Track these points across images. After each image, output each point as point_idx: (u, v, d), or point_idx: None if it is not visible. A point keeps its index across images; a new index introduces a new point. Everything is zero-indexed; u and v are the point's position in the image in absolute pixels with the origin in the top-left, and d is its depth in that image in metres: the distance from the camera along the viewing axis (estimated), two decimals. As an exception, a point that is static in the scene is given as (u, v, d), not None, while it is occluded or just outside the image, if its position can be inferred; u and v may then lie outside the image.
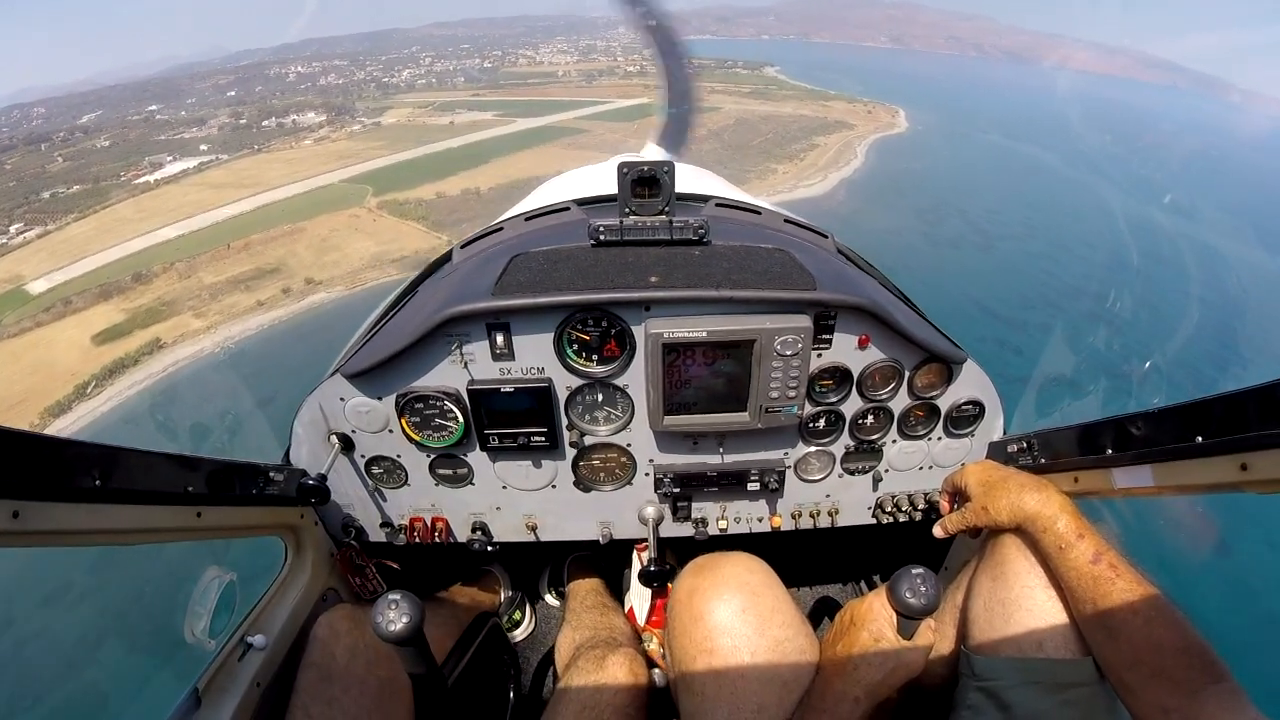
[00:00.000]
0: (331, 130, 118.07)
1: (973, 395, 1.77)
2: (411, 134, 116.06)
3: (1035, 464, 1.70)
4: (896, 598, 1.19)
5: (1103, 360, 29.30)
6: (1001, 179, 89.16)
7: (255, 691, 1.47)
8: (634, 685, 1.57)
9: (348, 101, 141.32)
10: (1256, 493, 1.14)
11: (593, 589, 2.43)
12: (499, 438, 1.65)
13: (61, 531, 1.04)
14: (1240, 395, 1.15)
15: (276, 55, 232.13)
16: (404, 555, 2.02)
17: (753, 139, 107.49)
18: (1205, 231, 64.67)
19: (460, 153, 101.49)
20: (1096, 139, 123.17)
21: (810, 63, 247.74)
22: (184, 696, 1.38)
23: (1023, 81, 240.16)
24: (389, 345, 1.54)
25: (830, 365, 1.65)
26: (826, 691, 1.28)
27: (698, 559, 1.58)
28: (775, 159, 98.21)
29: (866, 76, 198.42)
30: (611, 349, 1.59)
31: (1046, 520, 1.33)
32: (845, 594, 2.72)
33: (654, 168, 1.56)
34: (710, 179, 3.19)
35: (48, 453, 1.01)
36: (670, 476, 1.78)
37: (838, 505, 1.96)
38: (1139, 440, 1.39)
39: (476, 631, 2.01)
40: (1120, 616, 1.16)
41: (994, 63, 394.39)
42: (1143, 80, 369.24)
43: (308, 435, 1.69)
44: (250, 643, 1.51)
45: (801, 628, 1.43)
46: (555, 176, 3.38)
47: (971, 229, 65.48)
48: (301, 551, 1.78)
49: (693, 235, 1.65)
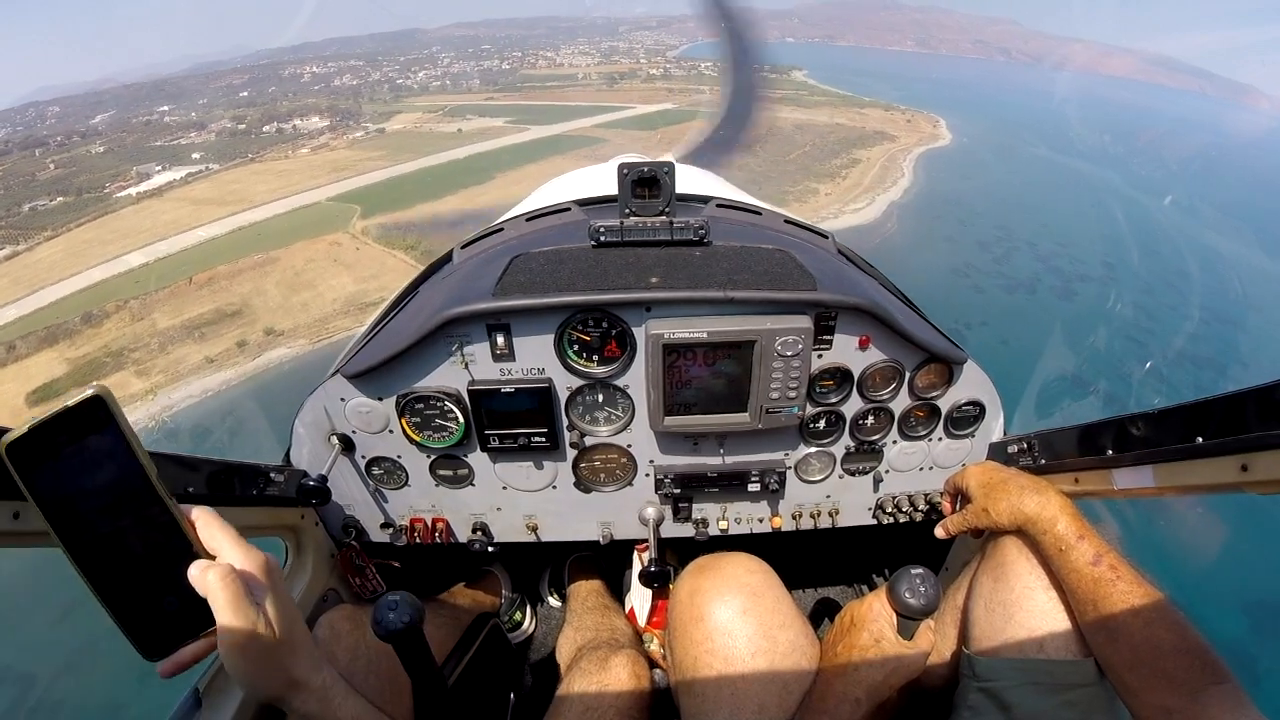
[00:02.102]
0: (332, 137, 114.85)
1: (973, 396, 1.77)
2: (415, 142, 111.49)
3: (1036, 465, 1.70)
4: (896, 598, 1.19)
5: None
6: (1062, 202, 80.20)
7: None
8: (637, 686, 1.57)
9: (355, 105, 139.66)
10: (1257, 493, 1.14)
11: (593, 590, 2.43)
12: (499, 438, 1.65)
13: None
14: (1240, 395, 1.15)
15: (296, 54, 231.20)
16: (404, 556, 2.03)
17: (789, 152, 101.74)
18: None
19: (464, 165, 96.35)
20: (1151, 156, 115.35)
21: (838, 66, 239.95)
22: (185, 697, 1.38)
23: (1054, 88, 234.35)
24: (390, 346, 1.55)
25: (831, 366, 1.65)
26: (827, 692, 1.28)
27: (698, 560, 1.58)
28: (815, 176, 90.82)
29: (898, 81, 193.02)
30: (612, 350, 1.59)
31: (1046, 522, 1.33)
32: (846, 595, 2.72)
33: (654, 168, 1.56)
34: (710, 180, 3.19)
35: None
36: (671, 477, 1.78)
37: (838, 506, 1.96)
38: (1139, 441, 1.39)
39: (477, 632, 2.00)
40: (1121, 618, 1.16)
41: (1022, 67, 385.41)
42: (1172, 86, 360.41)
43: (308, 436, 1.69)
44: None
45: (802, 628, 1.43)
46: (556, 177, 3.38)
47: (1045, 266, 58.77)
48: (302, 552, 1.78)
49: (693, 236, 1.65)
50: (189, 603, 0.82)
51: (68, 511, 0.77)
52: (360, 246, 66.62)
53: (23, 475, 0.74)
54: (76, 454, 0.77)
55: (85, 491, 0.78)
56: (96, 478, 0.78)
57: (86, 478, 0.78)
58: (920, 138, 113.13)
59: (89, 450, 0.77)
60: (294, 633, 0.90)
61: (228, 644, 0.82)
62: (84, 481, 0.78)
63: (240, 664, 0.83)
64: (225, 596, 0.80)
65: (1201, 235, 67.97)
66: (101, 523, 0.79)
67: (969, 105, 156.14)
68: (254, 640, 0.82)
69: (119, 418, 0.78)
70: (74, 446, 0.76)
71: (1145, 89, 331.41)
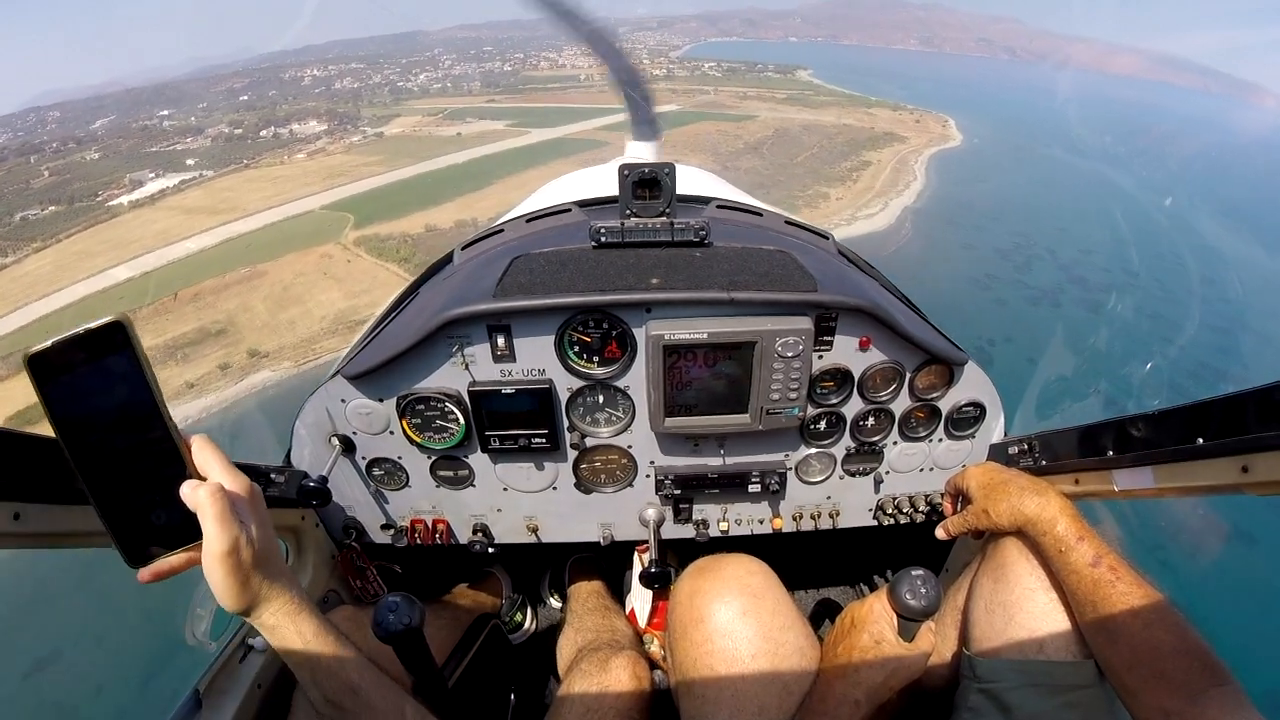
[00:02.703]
0: (330, 141, 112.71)
1: (973, 397, 1.77)
2: (414, 147, 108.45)
3: (1036, 466, 1.70)
4: (897, 599, 1.19)
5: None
6: (1080, 205, 76.53)
7: (256, 693, 1.47)
8: (637, 687, 1.57)
9: (353, 109, 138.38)
10: (1257, 494, 1.14)
11: (594, 591, 2.43)
12: (500, 439, 1.65)
13: (63, 534, 1.04)
14: (1241, 397, 1.15)
15: (299, 57, 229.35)
16: (405, 557, 2.03)
17: (796, 154, 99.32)
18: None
19: (463, 171, 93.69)
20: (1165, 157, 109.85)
21: (843, 65, 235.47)
22: (185, 698, 1.38)
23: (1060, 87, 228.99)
24: (390, 347, 1.55)
25: (831, 367, 1.65)
26: (827, 694, 1.28)
27: (699, 561, 1.58)
28: (825, 180, 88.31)
29: (904, 80, 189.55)
30: (613, 351, 1.59)
31: (1047, 523, 1.33)
32: (846, 596, 2.72)
33: (655, 170, 1.56)
34: (711, 181, 3.19)
35: (49, 454, 1.00)
36: (671, 478, 1.78)
37: (839, 507, 1.96)
38: (1140, 442, 1.38)
39: (477, 633, 2.00)
40: (1121, 619, 1.16)
41: (1027, 66, 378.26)
42: (1177, 84, 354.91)
43: (309, 437, 1.69)
44: (251, 644, 1.52)
45: (803, 630, 1.43)
46: (556, 178, 3.39)
47: (1067, 276, 55.93)
48: (302, 553, 1.78)
49: (694, 237, 1.65)
50: (176, 519, 0.89)
51: (77, 423, 0.83)
52: (352, 259, 64.69)
53: (40, 385, 0.80)
54: (93, 372, 0.82)
55: (96, 407, 0.84)
56: (108, 396, 0.84)
57: (99, 394, 0.84)
58: (930, 138, 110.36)
59: (105, 370, 0.83)
60: (269, 551, 0.97)
61: (210, 555, 0.89)
62: (96, 397, 0.84)
63: (219, 574, 0.90)
64: (213, 511, 0.87)
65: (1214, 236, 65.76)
66: (106, 437, 0.85)
67: (976, 104, 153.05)
68: (234, 553, 0.89)
69: (136, 344, 0.84)
70: (91, 365, 0.82)
71: (1151, 87, 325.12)
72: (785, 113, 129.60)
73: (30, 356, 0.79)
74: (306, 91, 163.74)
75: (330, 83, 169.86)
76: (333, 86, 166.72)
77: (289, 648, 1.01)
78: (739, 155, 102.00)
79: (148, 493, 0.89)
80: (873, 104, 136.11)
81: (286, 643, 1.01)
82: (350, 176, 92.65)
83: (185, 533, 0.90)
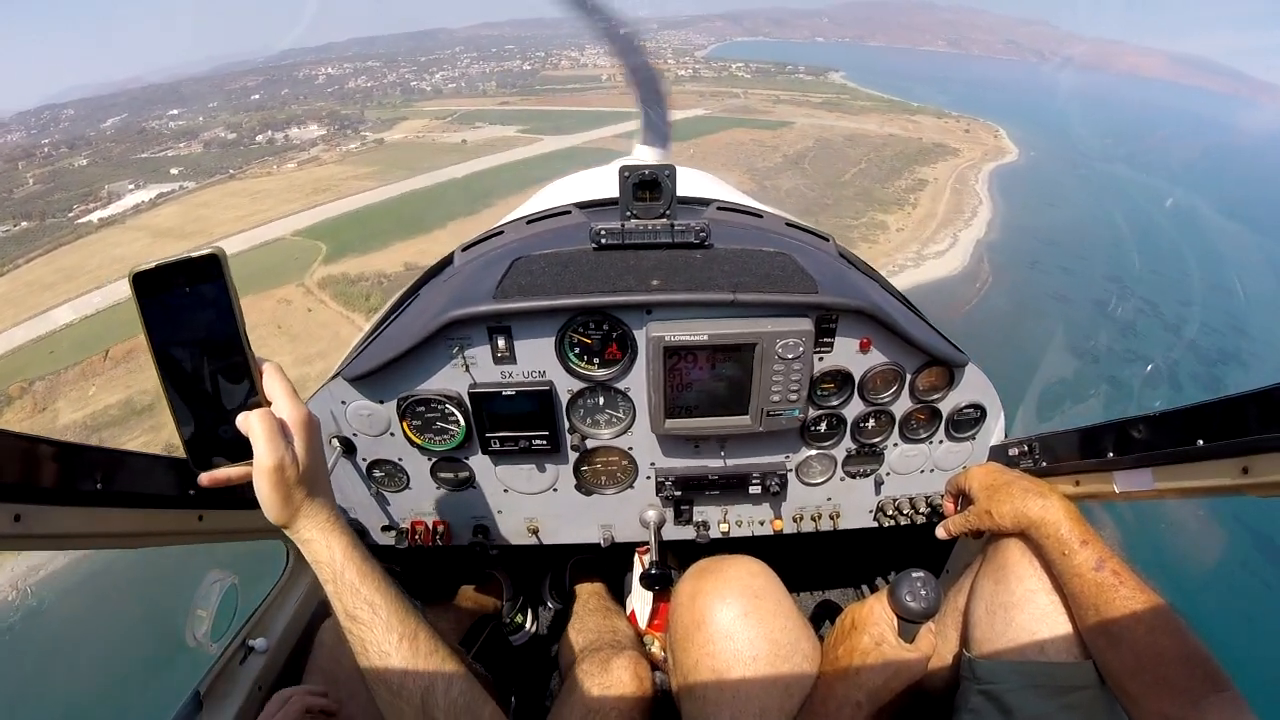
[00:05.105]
0: (325, 149, 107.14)
1: (974, 398, 1.77)
2: (413, 156, 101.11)
3: (1036, 467, 1.70)
4: (897, 601, 1.19)
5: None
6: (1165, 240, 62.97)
7: (257, 694, 1.47)
8: (638, 689, 1.57)
9: (358, 111, 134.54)
10: (1258, 496, 1.14)
11: (595, 592, 2.43)
12: (500, 441, 1.65)
13: (63, 535, 1.05)
14: (1241, 398, 1.15)
15: (318, 55, 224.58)
16: (405, 559, 2.02)
17: (843, 170, 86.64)
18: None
19: (462, 186, 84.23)
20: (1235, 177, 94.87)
21: (875, 68, 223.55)
22: (186, 700, 1.38)
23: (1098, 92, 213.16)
24: (390, 348, 1.55)
25: (832, 368, 1.66)
26: (828, 696, 1.28)
27: (699, 562, 1.58)
28: (879, 204, 74.51)
29: (939, 84, 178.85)
30: (613, 352, 1.59)
31: (1049, 525, 1.33)
32: (847, 597, 2.72)
33: (655, 171, 1.56)
34: (711, 182, 3.19)
35: (50, 456, 1.02)
36: (672, 479, 1.78)
37: (839, 508, 1.96)
38: (1140, 443, 1.38)
39: (478, 634, 2.01)
40: (1123, 624, 1.16)
41: (1059, 69, 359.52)
42: (1211, 89, 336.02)
43: None
44: (252, 646, 1.52)
45: (803, 631, 1.43)
46: (556, 179, 3.38)
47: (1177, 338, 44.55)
48: (303, 555, 1.78)
49: (694, 239, 1.65)
50: (239, 436, 0.98)
51: (167, 339, 0.92)
52: (314, 307, 54.11)
53: (141, 301, 0.88)
54: (187, 295, 0.91)
55: (185, 326, 0.92)
56: (198, 319, 0.93)
57: (190, 316, 0.92)
58: (985, 151, 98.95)
59: (199, 295, 0.91)
60: (313, 473, 1.06)
61: (258, 470, 0.99)
62: (186, 318, 0.92)
63: (265, 488, 1.00)
64: (262, 431, 0.97)
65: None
66: (191, 355, 0.94)
67: (1019, 111, 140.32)
68: (279, 470, 0.99)
69: (228, 276, 0.92)
70: (187, 290, 0.91)
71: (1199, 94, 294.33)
72: (823, 119, 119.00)
73: (135, 274, 0.88)
74: (319, 90, 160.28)
75: (344, 81, 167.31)
76: (346, 85, 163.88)
77: (319, 560, 1.10)
78: (778, 171, 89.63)
79: (220, 409, 0.98)
80: (915, 110, 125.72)
81: (317, 555, 1.10)
82: (335, 193, 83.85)
83: (245, 449, 0.99)
